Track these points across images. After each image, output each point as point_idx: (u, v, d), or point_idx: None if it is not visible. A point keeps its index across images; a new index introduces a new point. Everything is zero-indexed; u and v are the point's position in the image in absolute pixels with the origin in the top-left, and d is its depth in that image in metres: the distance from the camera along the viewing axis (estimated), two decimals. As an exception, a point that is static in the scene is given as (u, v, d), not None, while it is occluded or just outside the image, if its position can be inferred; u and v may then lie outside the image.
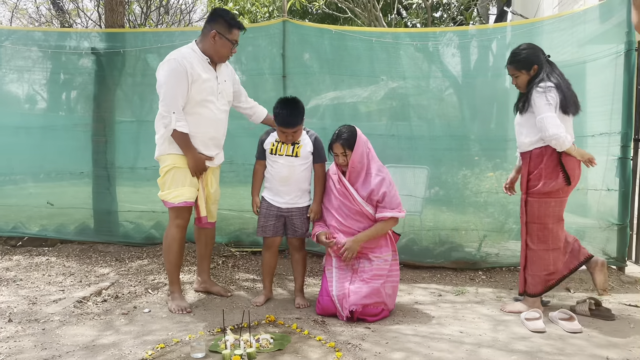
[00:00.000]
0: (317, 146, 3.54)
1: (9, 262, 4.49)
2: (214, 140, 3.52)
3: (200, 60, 3.37)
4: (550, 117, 3.18)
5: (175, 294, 3.51)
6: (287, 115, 3.38)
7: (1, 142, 5.06)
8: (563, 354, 2.74)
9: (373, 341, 2.91)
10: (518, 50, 3.41)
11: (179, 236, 3.48)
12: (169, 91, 3.29)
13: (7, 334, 2.98)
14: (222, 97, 3.50)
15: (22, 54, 5.14)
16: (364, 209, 3.39)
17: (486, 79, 4.72)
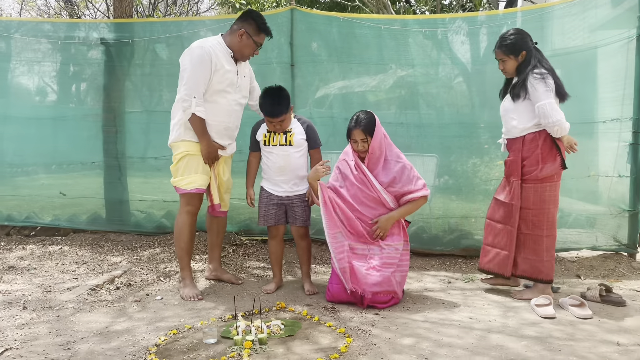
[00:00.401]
0: (309, 132, 3.56)
1: (23, 251, 4.56)
2: (228, 130, 3.57)
3: (224, 52, 3.46)
4: (551, 103, 3.19)
5: (187, 280, 3.55)
6: (270, 104, 3.41)
7: (13, 134, 5.11)
8: (573, 339, 2.74)
9: (383, 327, 2.93)
10: (507, 35, 3.38)
11: (190, 222, 3.53)
12: (193, 76, 3.35)
13: (23, 321, 3.04)
14: (240, 90, 3.58)
15: (31, 46, 5.17)
16: (381, 196, 3.40)
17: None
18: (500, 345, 2.65)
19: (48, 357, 2.56)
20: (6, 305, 3.28)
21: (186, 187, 3.49)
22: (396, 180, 3.38)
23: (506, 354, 2.56)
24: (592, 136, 4.37)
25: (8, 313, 3.15)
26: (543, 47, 4.52)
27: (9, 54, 5.14)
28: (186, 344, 2.73)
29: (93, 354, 2.60)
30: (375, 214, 3.42)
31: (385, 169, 3.41)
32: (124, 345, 2.72)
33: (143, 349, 2.66)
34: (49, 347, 2.68)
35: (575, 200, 4.54)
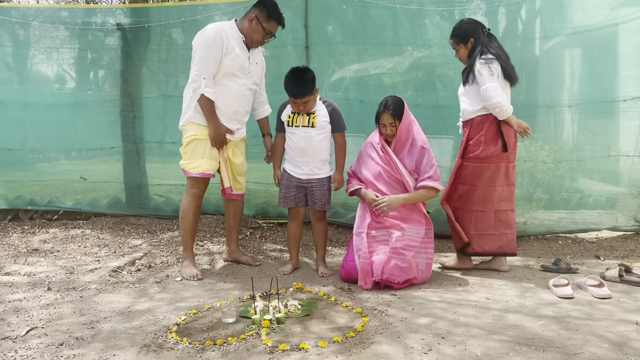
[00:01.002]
0: (334, 115, 3.54)
1: (46, 234, 4.66)
2: (237, 115, 3.59)
3: (236, 37, 3.48)
4: (493, 86, 3.35)
5: (187, 260, 3.62)
6: (294, 85, 3.40)
7: (34, 120, 5.20)
8: (591, 318, 2.73)
9: (399, 307, 2.95)
10: (458, 25, 3.57)
11: (194, 204, 3.59)
12: (203, 56, 3.38)
13: (47, 302, 3.12)
14: (251, 76, 3.59)
15: (50, 34, 5.23)
16: (404, 179, 3.41)
17: (515, 46, 4.61)
18: (517, 325, 2.66)
19: (72, 336, 2.63)
20: (31, 287, 3.37)
21: (192, 171, 3.53)
22: (422, 164, 3.42)
23: (523, 333, 2.56)
24: (613, 115, 4.30)
25: (33, 294, 3.24)
26: (563, 25, 4.47)
27: (28, 41, 5.21)
28: (206, 323, 2.78)
29: (116, 333, 2.67)
30: (396, 193, 3.43)
31: (410, 153, 3.44)
32: (145, 324, 2.78)
33: (164, 328, 2.72)
34: (73, 326, 2.76)
35: (595, 182, 4.49)
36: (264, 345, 2.47)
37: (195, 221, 3.63)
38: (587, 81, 4.48)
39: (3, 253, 4.15)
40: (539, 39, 4.52)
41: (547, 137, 4.51)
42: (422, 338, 2.52)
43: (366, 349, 2.42)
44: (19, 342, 2.57)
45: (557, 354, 2.32)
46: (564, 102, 4.40)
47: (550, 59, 4.55)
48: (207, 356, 2.39)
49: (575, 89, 4.48)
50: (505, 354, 2.33)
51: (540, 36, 4.48)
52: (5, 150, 5.18)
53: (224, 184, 3.66)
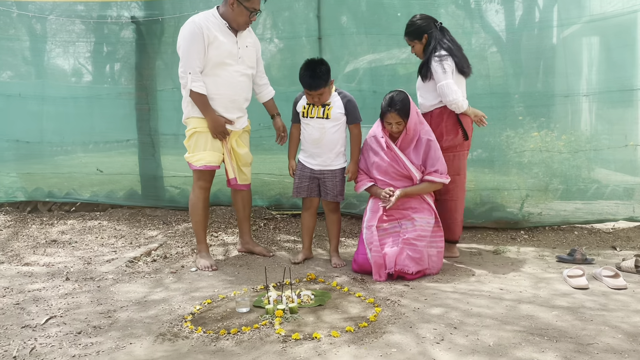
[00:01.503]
0: (349, 107, 3.53)
1: (64, 226, 4.74)
2: (235, 103, 3.56)
3: (218, 24, 3.43)
4: (448, 84, 3.45)
5: (203, 252, 3.66)
6: (309, 77, 3.39)
7: (52, 114, 5.27)
8: (606, 309, 2.71)
9: (412, 297, 2.96)
10: (411, 22, 3.64)
11: (203, 197, 3.62)
12: (185, 51, 3.38)
13: (66, 291, 3.18)
14: (243, 61, 3.53)
15: (66, 27, 5.28)
16: (412, 174, 3.40)
17: (532, 35, 4.54)
18: (531, 315, 2.65)
19: (90, 325, 2.69)
20: (50, 277, 3.44)
21: (196, 163, 3.54)
22: (425, 159, 3.40)
23: (536, 323, 2.55)
24: (631, 104, 4.23)
25: (52, 284, 3.31)
26: (580, 13, 4.40)
27: (45, 35, 5.27)
28: (220, 313, 2.82)
29: (132, 322, 2.72)
30: (404, 187, 3.43)
31: (416, 148, 3.42)
32: (161, 313, 2.83)
33: (179, 317, 2.76)
34: (90, 315, 2.81)
35: (612, 172, 4.43)
36: (277, 335, 2.50)
37: (205, 213, 3.66)
38: (605, 70, 4.40)
39: (23, 244, 4.23)
40: (556, 27, 4.45)
41: (563, 127, 4.46)
42: (435, 328, 2.52)
43: (378, 338, 2.43)
44: (38, 330, 2.63)
45: (570, 344, 2.31)
46: (581, 91, 4.33)
47: (567, 47, 4.48)
48: (221, 345, 2.43)
49: (593, 78, 4.41)
50: (517, 344, 2.33)
51: (558, 24, 4.41)
52: (24, 143, 5.27)
53: (228, 175, 3.68)
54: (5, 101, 5.23)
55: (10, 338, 2.54)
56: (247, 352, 2.35)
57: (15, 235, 4.46)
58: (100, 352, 2.39)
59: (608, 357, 2.20)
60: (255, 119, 4.74)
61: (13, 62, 5.51)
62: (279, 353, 2.32)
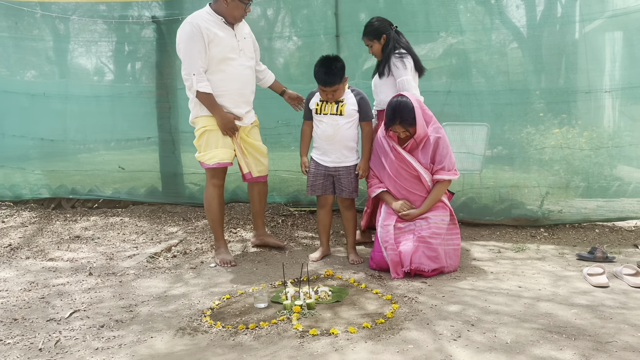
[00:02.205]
0: (362, 105, 3.54)
1: (87, 222, 4.84)
2: (243, 97, 3.60)
3: (214, 21, 3.45)
4: (408, 79, 3.58)
5: (221, 248, 3.70)
6: (324, 73, 3.41)
7: (75, 112, 5.38)
8: (626, 307, 2.68)
9: (429, 295, 2.96)
10: (370, 23, 3.73)
11: (217, 194, 3.65)
12: (186, 53, 3.40)
13: (88, 286, 3.26)
14: (244, 53, 3.57)
15: (88, 27, 5.38)
16: (422, 176, 3.40)
17: (553, 30, 4.48)
18: (549, 313, 2.63)
19: (112, 319, 2.75)
20: (73, 272, 3.53)
21: (208, 162, 3.57)
22: (433, 157, 3.39)
23: (554, 321, 2.54)
24: (654, 100, 4.16)
25: (75, 278, 3.39)
26: (603, 7, 4.33)
27: (68, 35, 5.38)
28: (238, 308, 2.86)
29: (153, 316, 2.78)
30: (416, 188, 3.44)
31: (424, 148, 3.40)
32: (181, 308, 2.88)
33: (199, 312, 2.81)
34: (113, 309, 2.88)
35: (635, 169, 4.36)
36: (294, 330, 2.53)
37: (220, 210, 3.70)
38: (628, 65, 4.33)
39: (47, 240, 4.34)
40: (578, 22, 4.39)
41: (585, 124, 4.39)
42: (452, 325, 2.53)
43: (395, 334, 2.44)
44: (62, 323, 2.70)
45: (589, 342, 2.29)
46: (603, 87, 4.27)
47: (589, 43, 4.41)
48: (239, 339, 2.46)
49: (616, 74, 4.34)
50: (535, 342, 2.32)
51: (580, 19, 4.35)
52: (49, 141, 5.39)
53: (242, 170, 3.73)
54: (30, 100, 5.36)
55: (36, 331, 2.62)
56: (265, 346, 2.38)
57: (40, 231, 4.57)
58: (122, 345, 2.45)
59: (627, 355, 2.18)
60: (272, 117, 4.79)
61: (37, 62, 5.64)
62: (296, 348, 2.35)
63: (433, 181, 3.43)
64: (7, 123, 5.42)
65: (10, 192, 5.47)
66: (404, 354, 2.25)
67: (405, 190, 3.45)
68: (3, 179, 5.50)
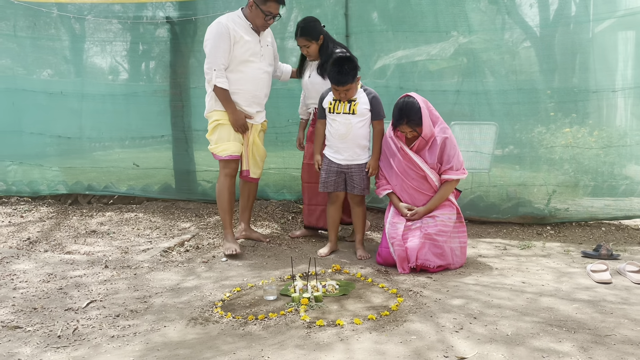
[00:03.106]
0: (374, 104, 3.62)
1: (103, 217, 4.97)
2: (256, 98, 3.82)
3: (243, 25, 3.69)
4: None
5: (228, 236, 3.87)
6: (337, 72, 3.49)
7: (91, 110, 5.51)
8: (627, 303, 2.73)
9: (434, 289, 3.04)
10: (306, 23, 3.81)
11: (229, 184, 3.84)
12: (212, 49, 3.62)
13: (104, 278, 3.38)
14: (265, 59, 3.81)
15: (103, 27, 5.51)
16: (428, 176, 3.47)
17: (567, 30, 4.49)
18: (550, 308, 2.69)
19: (127, 309, 2.86)
20: (90, 265, 3.65)
21: (221, 154, 3.79)
22: (440, 157, 3.46)
23: (555, 315, 2.60)
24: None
25: (92, 271, 3.51)
26: (615, 7, 4.34)
27: (83, 35, 5.51)
28: (248, 300, 2.96)
29: (166, 307, 2.88)
30: (423, 187, 3.51)
31: (432, 148, 3.46)
32: (193, 299, 2.98)
33: (210, 304, 2.91)
34: (128, 300, 2.99)
35: (641, 168, 4.38)
36: (302, 321, 2.62)
37: (231, 200, 3.87)
38: (637, 65, 4.35)
39: (64, 234, 4.47)
40: (592, 21, 4.40)
41: (595, 123, 4.41)
42: (455, 318, 2.60)
43: (399, 326, 2.52)
44: (80, 313, 2.82)
45: (588, 335, 2.36)
46: (616, 87, 4.27)
47: (602, 41, 4.42)
48: (249, 329, 2.56)
49: (628, 73, 4.36)
50: (535, 334, 2.38)
51: (593, 18, 4.37)
52: (65, 138, 5.53)
53: (242, 166, 3.91)
54: (47, 99, 5.50)
55: (54, 319, 2.73)
56: (273, 336, 2.47)
57: (57, 226, 4.71)
58: (137, 333, 2.56)
59: (625, 348, 2.24)
60: (283, 115, 4.88)
61: (53, 61, 5.78)
62: (303, 338, 2.44)
63: (441, 181, 3.49)
64: (26, 121, 5.57)
65: (28, 188, 5.62)
66: (407, 345, 2.33)
67: (412, 190, 3.52)
68: (22, 176, 5.66)
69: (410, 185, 3.51)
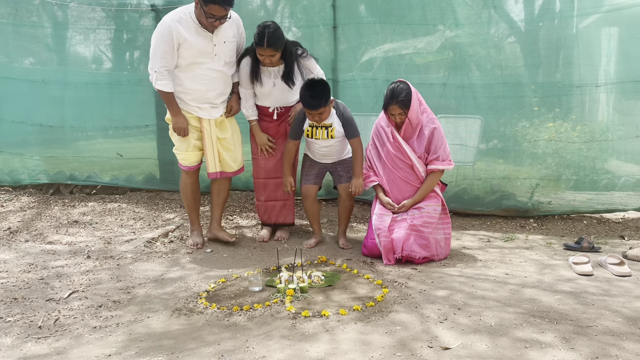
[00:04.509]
0: (346, 123, 3.59)
1: (85, 207, 4.91)
2: (208, 99, 3.57)
3: (191, 24, 3.38)
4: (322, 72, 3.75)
5: (195, 232, 3.82)
6: (310, 97, 3.45)
7: (73, 99, 5.40)
8: (608, 294, 2.77)
9: (419, 280, 3.05)
10: (272, 33, 3.43)
11: (190, 181, 3.75)
12: (153, 50, 3.41)
13: (87, 268, 3.34)
14: (219, 58, 3.50)
15: (87, 15, 5.41)
16: (415, 166, 3.48)
17: (551, 25, 4.51)
18: (533, 299, 2.72)
19: (110, 299, 2.83)
20: (72, 255, 3.60)
21: (181, 162, 3.71)
22: (428, 147, 3.47)
23: (538, 306, 2.63)
24: (644, 95, 4.23)
25: (74, 261, 3.47)
26: (600, 3, 4.37)
27: (66, 22, 5.41)
28: (234, 291, 2.94)
29: (150, 298, 2.86)
30: (410, 178, 3.52)
31: (420, 137, 3.48)
32: (177, 290, 2.96)
33: (195, 294, 2.89)
34: (110, 291, 2.96)
35: (623, 162, 4.44)
36: (287, 312, 2.62)
37: (195, 196, 3.80)
38: (618, 60, 4.40)
39: (46, 224, 4.40)
40: (576, 17, 4.44)
41: (578, 118, 4.45)
42: (439, 309, 2.62)
43: (384, 317, 2.53)
44: (62, 303, 2.78)
45: (570, 326, 2.39)
46: (598, 82, 4.31)
47: (585, 37, 4.46)
48: (234, 320, 2.55)
49: (610, 69, 4.40)
50: (518, 325, 2.41)
51: (577, 14, 4.40)
52: (47, 127, 5.44)
53: (209, 168, 3.69)
54: (29, 87, 5.39)
55: (35, 310, 2.69)
56: (259, 327, 2.47)
57: (38, 216, 4.63)
58: (120, 324, 2.53)
59: (606, 338, 2.27)
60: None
61: (36, 49, 5.67)
62: (288, 328, 2.43)
63: (427, 171, 3.51)
64: (6, 109, 5.46)
65: (9, 177, 5.53)
66: (392, 335, 2.34)
67: (399, 180, 3.53)
68: (2, 164, 5.56)
69: (398, 175, 3.52)
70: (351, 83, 4.75)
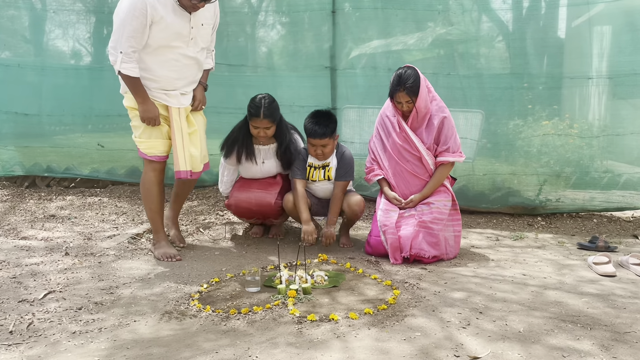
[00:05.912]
0: (342, 163, 3.39)
1: (63, 201, 4.57)
2: (177, 88, 3.11)
3: (170, 2, 2.92)
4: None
5: (162, 241, 3.23)
6: (314, 124, 3.26)
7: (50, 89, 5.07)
8: (637, 297, 2.57)
9: (431, 281, 2.81)
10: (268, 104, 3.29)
11: (157, 180, 3.21)
12: (121, 27, 2.88)
13: (65, 266, 3.02)
14: (195, 43, 3.08)
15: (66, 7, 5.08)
16: (423, 158, 3.24)
17: (540, 21, 4.35)
18: (559, 302, 2.50)
19: (91, 301, 2.53)
20: (48, 251, 3.28)
21: (146, 152, 3.14)
22: (437, 138, 3.24)
23: (566, 310, 2.41)
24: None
25: (50, 258, 3.15)
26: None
27: (44, 14, 5.07)
28: (229, 292, 2.67)
29: (136, 299, 2.56)
30: (417, 170, 3.29)
31: (428, 127, 3.24)
32: (166, 291, 2.67)
33: (186, 296, 2.61)
34: (92, 291, 2.66)
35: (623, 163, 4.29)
36: (291, 315, 2.36)
37: (161, 199, 3.24)
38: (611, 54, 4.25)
39: (20, 218, 4.07)
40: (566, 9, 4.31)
41: (576, 115, 4.32)
42: (459, 312, 2.38)
43: (400, 321, 2.28)
44: (36, 305, 2.48)
45: (606, 332, 2.17)
46: (594, 76, 4.17)
47: (578, 32, 4.34)
48: (232, 325, 2.28)
49: (606, 64, 4.26)
50: (549, 331, 2.18)
51: (569, 4, 4.27)
52: (23, 115, 5.07)
53: (179, 166, 3.16)
54: (3, 72, 5.03)
55: (6, 312, 2.39)
56: (261, 332, 2.20)
57: (12, 210, 4.29)
58: (103, 329, 2.24)
59: (648, 346, 2.06)
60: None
61: (12, 42, 5.32)
62: (295, 334, 2.17)
63: (436, 164, 3.27)
64: (-22, 96, 5.09)
65: (-20, 169, 5.16)
66: (412, 342, 2.09)
67: (406, 173, 3.28)
68: (-27, 155, 5.18)
69: (405, 168, 3.28)
70: (350, 72, 4.50)
